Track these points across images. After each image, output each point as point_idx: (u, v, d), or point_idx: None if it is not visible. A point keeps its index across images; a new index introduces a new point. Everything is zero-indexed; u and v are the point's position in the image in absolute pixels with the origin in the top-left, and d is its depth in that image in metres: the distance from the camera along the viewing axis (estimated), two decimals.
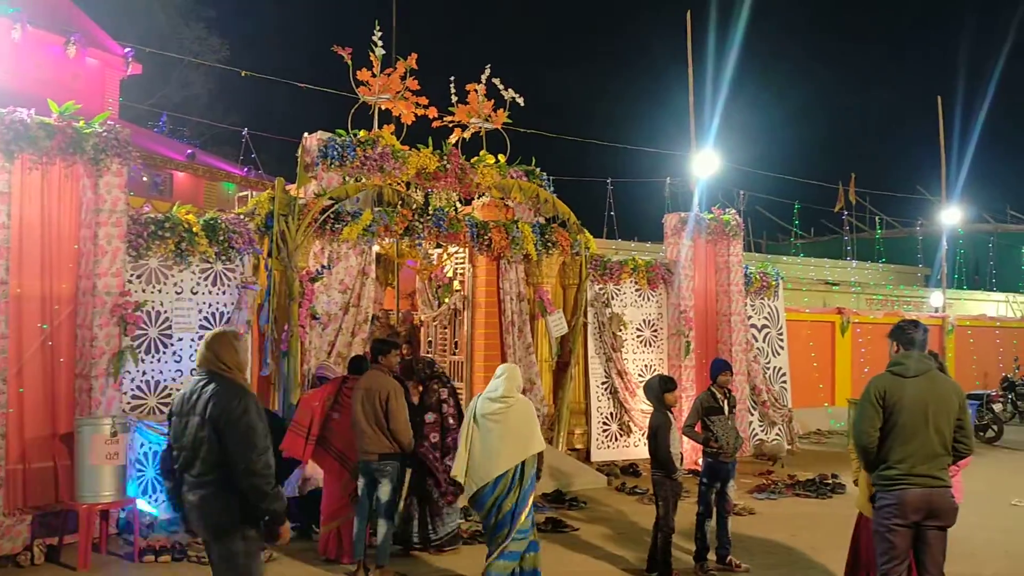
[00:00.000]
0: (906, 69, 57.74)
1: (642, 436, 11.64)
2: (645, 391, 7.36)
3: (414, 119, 10.78)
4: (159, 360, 8.59)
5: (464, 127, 11.39)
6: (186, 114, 25.24)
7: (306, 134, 10.12)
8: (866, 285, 27.11)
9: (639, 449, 11.81)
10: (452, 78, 11.23)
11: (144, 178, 16.94)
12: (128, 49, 17.35)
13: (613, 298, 12.39)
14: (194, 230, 8.67)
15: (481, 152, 11.43)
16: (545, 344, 11.70)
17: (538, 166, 11.78)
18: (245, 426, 4.33)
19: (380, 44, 10.47)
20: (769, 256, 26.52)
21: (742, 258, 13.26)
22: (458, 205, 11.29)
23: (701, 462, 7.56)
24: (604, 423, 12.15)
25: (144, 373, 8.48)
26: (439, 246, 12.12)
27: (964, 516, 5.56)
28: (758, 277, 13.80)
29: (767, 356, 13.84)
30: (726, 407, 7.48)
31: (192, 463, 4.44)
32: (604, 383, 12.20)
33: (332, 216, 9.59)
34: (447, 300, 12.57)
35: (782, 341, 14.17)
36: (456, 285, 12.30)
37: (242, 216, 9.33)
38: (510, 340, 11.41)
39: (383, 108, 10.61)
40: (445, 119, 11.24)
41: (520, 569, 6.30)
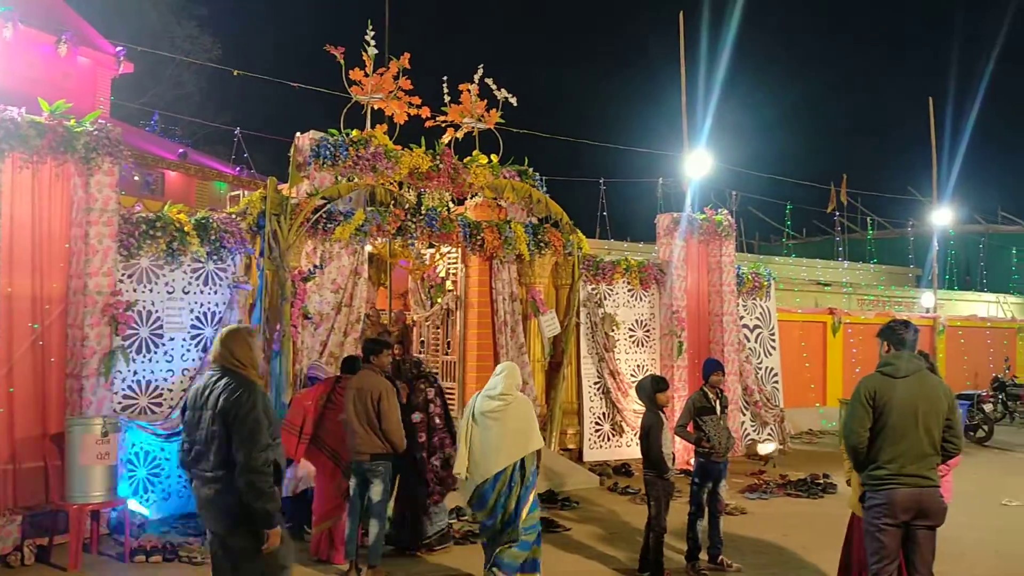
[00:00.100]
0: (898, 71, 57.98)
1: (634, 436, 11.64)
2: (637, 391, 7.38)
3: (407, 119, 10.76)
4: (150, 360, 8.56)
5: (457, 127, 11.37)
6: (178, 113, 25.18)
7: (298, 133, 10.10)
8: (858, 286, 27.21)
9: (631, 449, 11.82)
10: (445, 78, 11.22)
11: (135, 177, 16.85)
12: (120, 48, 17.25)
13: (606, 298, 12.40)
14: (186, 229, 8.64)
15: (474, 152, 11.42)
16: (538, 344, 11.70)
17: (531, 166, 11.78)
18: (252, 422, 4.39)
19: (373, 44, 10.44)
20: (761, 257, 26.58)
21: (734, 258, 13.28)
22: (451, 205, 11.28)
23: (693, 462, 7.58)
24: (596, 423, 12.16)
25: (135, 373, 8.45)
26: (432, 246, 12.11)
27: (954, 516, 5.59)
28: (750, 277, 13.83)
29: (759, 356, 13.87)
30: (718, 407, 7.50)
31: (204, 457, 4.51)
32: (597, 383, 12.21)
33: (324, 216, 9.57)
34: (440, 300, 12.55)
35: (774, 341, 14.21)
36: (449, 285, 12.29)
37: (234, 216, 9.30)
38: (503, 340, 11.41)
39: (376, 108, 10.59)
40: (438, 119, 11.22)
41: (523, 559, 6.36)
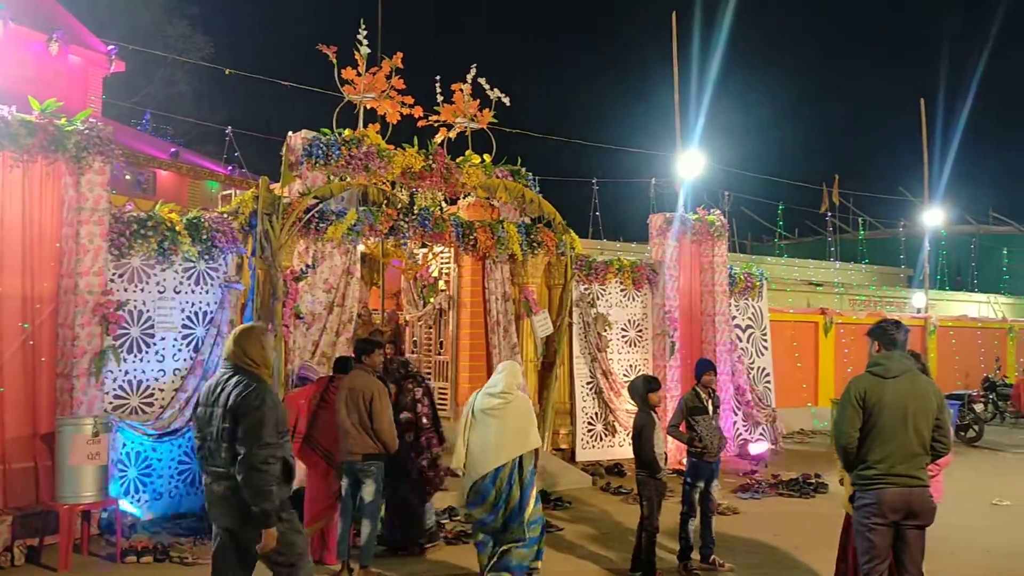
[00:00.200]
0: (890, 72, 58.17)
1: (627, 436, 11.67)
2: (630, 391, 7.39)
3: (399, 118, 10.74)
4: (141, 360, 8.53)
5: (450, 127, 11.35)
6: (170, 112, 25.05)
7: (291, 133, 10.07)
8: (849, 286, 27.31)
9: (624, 449, 11.83)
10: (438, 77, 11.21)
11: (127, 176, 16.78)
12: (111, 46, 17.20)
13: (598, 298, 12.41)
14: (177, 229, 8.62)
15: (467, 152, 11.40)
16: (530, 344, 11.69)
17: (524, 166, 11.77)
18: (257, 418, 4.46)
19: (365, 43, 10.43)
20: (753, 257, 26.66)
21: (727, 259, 13.30)
22: (443, 205, 11.26)
23: (685, 462, 7.59)
24: (589, 423, 12.16)
25: (126, 373, 8.41)
26: (424, 246, 12.11)
27: (945, 516, 5.61)
28: (742, 278, 13.85)
29: (751, 356, 13.89)
30: (710, 407, 7.51)
31: (216, 454, 4.59)
32: (589, 383, 12.21)
33: (317, 215, 9.55)
34: (432, 300, 12.54)
35: (766, 341, 14.23)
36: (441, 285, 12.29)
37: (226, 215, 9.27)
38: (495, 340, 11.41)
39: (368, 107, 10.57)
40: (431, 119, 11.20)
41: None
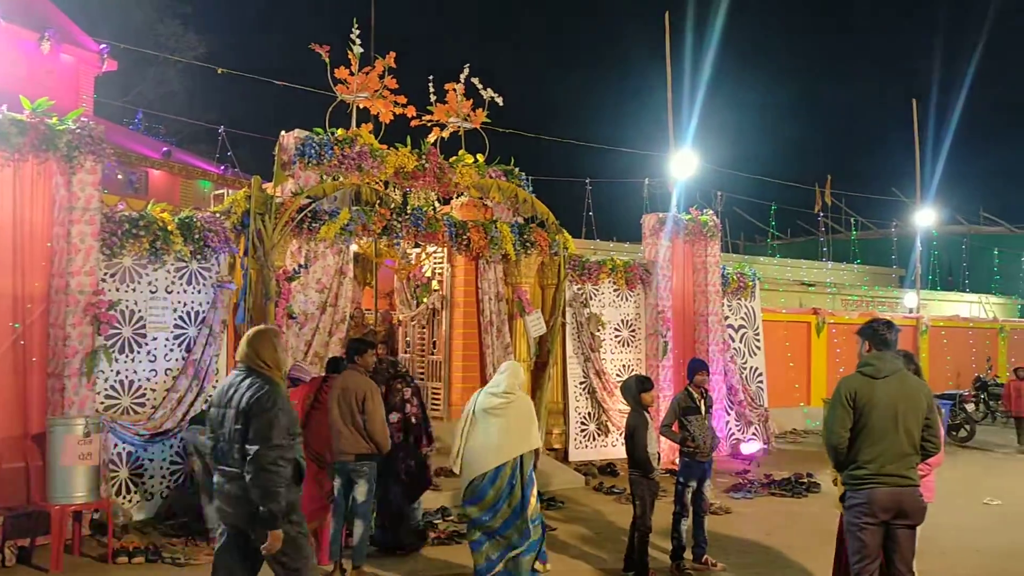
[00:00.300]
0: (882, 73, 58.38)
1: (620, 436, 11.66)
2: (622, 391, 7.39)
3: (392, 118, 10.73)
4: (133, 360, 8.50)
5: (443, 126, 11.35)
6: (162, 111, 25.02)
7: (283, 132, 10.06)
8: (842, 286, 27.42)
9: (617, 449, 11.83)
10: (431, 77, 11.21)
11: (119, 176, 16.73)
12: (103, 45, 17.13)
13: (591, 298, 12.41)
14: (169, 228, 8.58)
15: (460, 152, 11.39)
16: (524, 344, 11.69)
17: (517, 166, 11.77)
18: (268, 420, 4.51)
19: (358, 42, 10.42)
20: (746, 257, 26.74)
21: (719, 259, 13.32)
22: (437, 204, 11.25)
23: (678, 462, 7.59)
24: (582, 423, 12.17)
25: (118, 373, 8.38)
26: (417, 246, 12.10)
27: (937, 515, 5.63)
28: (735, 278, 13.87)
29: (744, 356, 13.92)
30: (703, 407, 7.52)
31: (228, 455, 4.63)
32: (582, 383, 12.22)
33: (309, 215, 9.53)
34: (425, 300, 12.53)
35: (759, 341, 14.26)
36: (434, 285, 12.28)
37: (218, 214, 9.25)
38: (488, 340, 11.40)
39: (361, 106, 10.55)
40: (424, 118, 11.19)
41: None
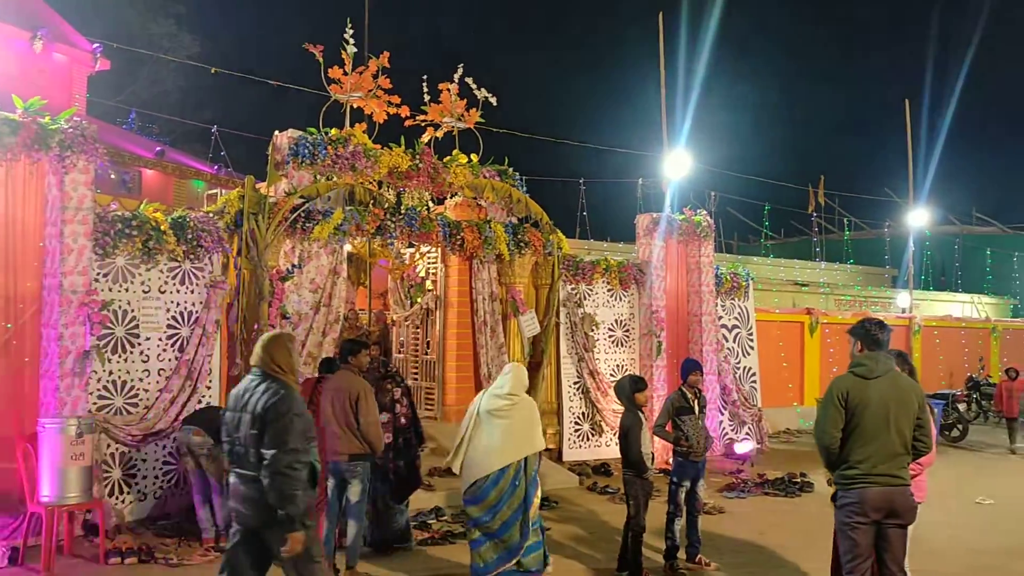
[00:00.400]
0: (875, 73, 58.55)
1: (614, 436, 11.69)
2: (616, 391, 7.39)
3: (386, 118, 10.72)
4: (126, 360, 8.47)
5: (437, 126, 11.34)
6: (155, 111, 24.96)
7: (277, 132, 10.03)
8: (835, 286, 27.47)
9: (611, 449, 11.85)
10: (425, 77, 11.20)
11: (112, 175, 16.66)
12: (96, 45, 17.08)
13: (585, 298, 12.42)
14: (162, 228, 8.56)
15: (454, 151, 11.39)
16: (517, 344, 11.69)
17: (511, 166, 11.77)
18: (284, 424, 4.56)
19: (352, 42, 10.40)
20: (740, 257, 26.78)
21: (713, 259, 13.34)
22: (430, 204, 11.25)
23: (672, 461, 7.60)
24: (576, 423, 12.18)
25: (111, 373, 8.36)
26: (411, 245, 12.08)
27: (929, 515, 5.65)
28: (729, 278, 13.90)
29: (737, 356, 13.94)
30: (697, 407, 7.53)
31: (244, 458, 4.67)
32: (576, 383, 12.23)
33: (303, 215, 9.52)
34: (419, 300, 12.52)
35: (752, 341, 14.29)
36: (428, 285, 12.27)
37: (211, 214, 9.23)
38: (482, 340, 11.40)
39: (355, 106, 10.54)
40: (418, 118, 11.18)
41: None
